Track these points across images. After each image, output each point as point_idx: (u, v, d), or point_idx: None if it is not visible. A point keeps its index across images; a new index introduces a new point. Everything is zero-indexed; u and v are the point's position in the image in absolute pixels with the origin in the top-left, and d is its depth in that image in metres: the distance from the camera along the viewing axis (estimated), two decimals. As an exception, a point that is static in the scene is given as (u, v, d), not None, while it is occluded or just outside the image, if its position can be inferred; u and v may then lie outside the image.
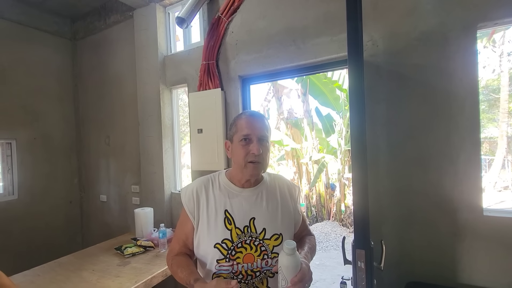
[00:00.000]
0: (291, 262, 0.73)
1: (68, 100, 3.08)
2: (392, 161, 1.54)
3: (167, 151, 2.43)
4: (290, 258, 0.73)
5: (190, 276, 0.82)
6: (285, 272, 0.74)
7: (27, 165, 2.71)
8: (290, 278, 0.73)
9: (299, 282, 0.72)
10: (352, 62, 1.01)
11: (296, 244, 1.03)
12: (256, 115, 0.93)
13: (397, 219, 1.53)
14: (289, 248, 0.72)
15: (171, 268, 0.92)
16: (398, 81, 1.51)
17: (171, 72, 2.39)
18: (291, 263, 0.73)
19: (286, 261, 0.73)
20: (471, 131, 1.36)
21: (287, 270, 0.73)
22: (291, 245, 0.73)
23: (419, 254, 1.49)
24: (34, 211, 2.74)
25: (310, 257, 0.94)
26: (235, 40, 2.03)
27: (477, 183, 1.36)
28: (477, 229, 1.37)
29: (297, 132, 5.89)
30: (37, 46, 2.81)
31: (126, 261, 1.81)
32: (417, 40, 1.46)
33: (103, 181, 2.93)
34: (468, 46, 1.35)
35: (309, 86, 5.23)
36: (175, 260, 0.91)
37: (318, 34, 1.71)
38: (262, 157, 0.87)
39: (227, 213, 0.88)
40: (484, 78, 6.82)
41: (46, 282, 1.57)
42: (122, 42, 2.70)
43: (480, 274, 1.37)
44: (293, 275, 0.73)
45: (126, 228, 2.68)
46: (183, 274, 0.85)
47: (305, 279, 0.74)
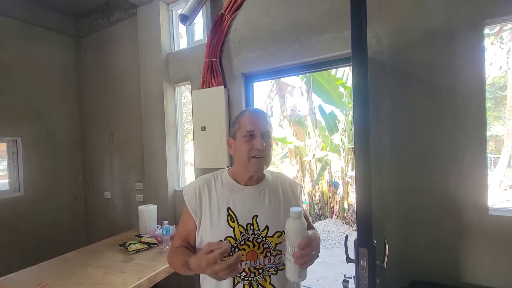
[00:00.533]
0: (297, 226, 0.72)
1: (72, 98, 3.10)
2: (396, 160, 1.53)
3: (170, 149, 2.44)
4: (297, 222, 0.72)
5: (186, 256, 0.83)
6: (292, 237, 0.73)
7: (32, 162, 2.75)
8: (297, 243, 0.72)
9: (307, 247, 0.72)
10: (356, 59, 1.00)
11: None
12: (259, 112, 0.94)
13: (401, 218, 1.52)
14: (296, 212, 0.72)
15: (169, 261, 0.93)
16: (403, 78, 1.49)
17: (174, 69, 2.39)
18: (297, 226, 0.72)
19: (293, 225, 0.72)
20: (477, 129, 1.35)
21: (294, 235, 0.72)
22: (298, 209, 0.73)
23: (422, 253, 1.48)
24: (40, 207, 2.78)
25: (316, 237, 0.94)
26: (238, 38, 2.02)
27: (483, 182, 1.34)
28: (482, 229, 1.35)
29: (300, 129, 5.87)
30: (41, 44, 2.82)
31: (130, 258, 1.83)
32: (422, 37, 1.43)
33: (107, 178, 2.96)
34: (475, 43, 1.33)
35: (313, 84, 5.20)
36: (173, 253, 0.92)
37: (322, 31, 1.70)
38: (266, 152, 0.88)
39: (230, 210, 0.88)
40: (491, 75, 6.71)
41: (52, 277, 1.59)
42: (125, 39, 2.71)
43: (484, 273, 1.36)
44: (301, 239, 0.72)
45: (130, 224, 2.70)
46: (179, 258, 0.85)
47: (312, 245, 0.73)
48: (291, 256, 0.73)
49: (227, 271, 0.68)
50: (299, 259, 0.71)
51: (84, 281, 1.53)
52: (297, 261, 0.72)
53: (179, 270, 0.88)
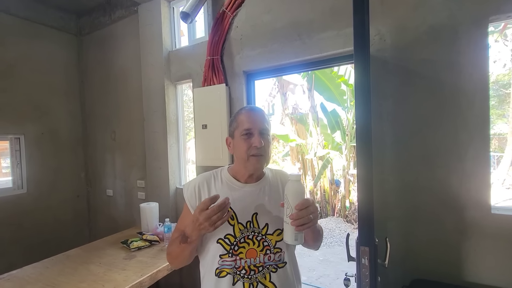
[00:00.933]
0: (296, 187, 0.73)
1: (74, 96, 3.11)
2: (398, 158, 1.52)
3: (172, 147, 2.44)
4: (296, 184, 0.73)
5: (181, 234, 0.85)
6: (290, 199, 0.73)
7: (35, 159, 2.76)
8: (294, 205, 0.72)
9: (304, 208, 0.72)
10: (358, 56, 0.99)
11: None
12: (256, 110, 0.94)
13: (402, 216, 1.52)
14: (295, 175, 0.73)
15: (168, 251, 0.94)
16: (406, 76, 1.48)
17: (175, 67, 2.39)
18: (296, 188, 0.73)
19: (292, 187, 0.73)
20: (480, 128, 1.33)
21: (292, 196, 0.73)
22: (297, 173, 0.75)
23: (424, 251, 1.47)
24: (42, 205, 2.80)
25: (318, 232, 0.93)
26: (239, 35, 2.02)
27: (486, 180, 1.34)
28: (485, 227, 1.34)
29: (302, 127, 5.86)
30: (43, 42, 2.83)
31: (132, 255, 1.84)
32: (425, 34, 1.42)
33: (109, 175, 2.97)
34: (479, 40, 1.31)
35: (315, 82, 5.18)
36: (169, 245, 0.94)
37: (324, 29, 1.69)
38: (264, 149, 0.88)
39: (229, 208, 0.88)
40: (495, 73, 6.66)
41: (55, 274, 1.60)
42: (127, 37, 2.70)
43: (487, 272, 1.35)
44: (298, 202, 0.72)
45: (132, 222, 2.71)
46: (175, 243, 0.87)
47: (310, 207, 0.73)
48: (288, 218, 0.73)
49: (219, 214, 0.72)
50: (296, 220, 0.72)
51: (87, 278, 1.54)
52: (294, 222, 0.72)
53: (177, 253, 0.88)
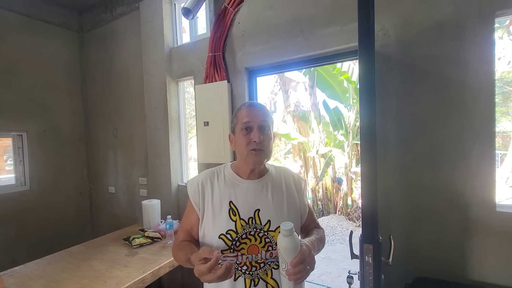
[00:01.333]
0: (289, 243, 0.70)
1: (76, 93, 3.11)
2: (402, 155, 1.51)
3: (174, 144, 2.44)
4: (288, 239, 0.70)
5: (188, 253, 0.83)
6: (284, 254, 0.71)
7: (37, 157, 2.77)
8: (290, 260, 0.70)
9: (299, 264, 0.70)
10: (363, 50, 0.97)
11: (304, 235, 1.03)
12: (256, 104, 0.94)
13: (406, 214, 1.51)
14: (286, 229, 0.69)
15: (174, 254, 0.94)
16: (410, 72, 1.46)
17: (177, 64, 2.38)
18: (289, 244, 0.70)
19: (284, 243, 0.70)
20: (485, 124, 1.32)
21: (286, 252, 0.70)
22: (288, 226, 0.70)
23: (427, 249, 1.46)
24: (45, 201, 2.81)
25: (317, 246, 0.92)
26: (241, 31, 2.00)
27: (491, 178, 1.32)
28: (489, 225, 1.33)
29: (304, 125, 5.84)
30: (45, 39, 2.82)
31: (134, 252, 1.84)
32: (431, 30, 1.40)
33: (112, 173, 2.97)
34: (485, 35, 1.29)
35: (317, 79, 5.15)
36: (177, 247, 0.93)
37: (327, 24, 1.67)
38: (264, 144, 0.87)
39: (231, 204, 0.88)
40: (499, 70, 6.58)
41: (57, 270, 1.61)
42: (128, 34, 2.69)
43: (490, 271, 1.34)
44: (293, 257, 0.70)
45: (134, 219, 2.72)
46: (182, 254, 0.86)
47: (306, 261, 0.71)
48: (284, 272, 0.71)
49: (218, 280, 0.71)
50: (292, 276, 0.70)
51: (89, 275, 1.54)
52: (290, 278, 0.70)
53: (183, 264, 0.89)
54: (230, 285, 0.85)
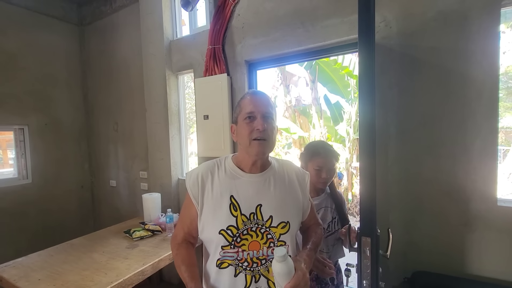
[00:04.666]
0: (282, 269, 0.72)
1: (76, 86, 3.10)
2: (403, 148, 1.49)
3: (174, 138, 2.44)
4: (282, 265, 0.72)
5: (191, 281, 0.83)
6: (278, 279, 0.74)
7: (39, 150, 2.78)
8: (284, 285, 0.72)
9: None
10: (362, 41, 0.95)
11: (302, 237, 1.01)
12: (259, 93, 0.91)
13: (405, 208, 1.50)
14: (280, 256, 0.71)
15: (175, 259, 0.93)
16: (412, 64, 1.44)
17: (177, 57, 2.36)
18: (282, 269, 0.72)
19: (278, 268, 0.72)
20: (488, 117, 1.30)
21: (279, 277, 0.73)
22: (281, 252, 0.71)
23: (427, 243, 1.46)
24: (47, 195, 2.83)
25: (314, 253, 0.93)
26: (241, 23, 1.97)
27: (492, 172, 1.31)
28: (490, 220, 1.32)
29: (305, 120, 5.80)
30: (45, 31, 2.81)
31: (135, 244, 1.85)
32: (434, 21, 1.37)
33: (113, 166, 2.99)
34: (490, 25, 1.26)
35: (318, 73, 5.10)
36: (180, 253, 0.91)
37: (327, 16, 1.64)
38: (268, 134, 0.84)
39: (232, 199, 0.85)
40: (504, 64, 6.48)
41: (59, 262, 1.62)
42: (128, 27, 2.67)
43: (490, 265, 1.34)
44: (287, 282, 0.72)
45: (135, 212, 2.74)
46: (186, 274, 0.85)
47: (300, 285, 0.73)
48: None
49: None
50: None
51: (90, 266, 1.56)
52: None
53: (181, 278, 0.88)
54: (231, 281, 0.84)
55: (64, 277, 1.44)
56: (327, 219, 1.26)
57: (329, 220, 1.27)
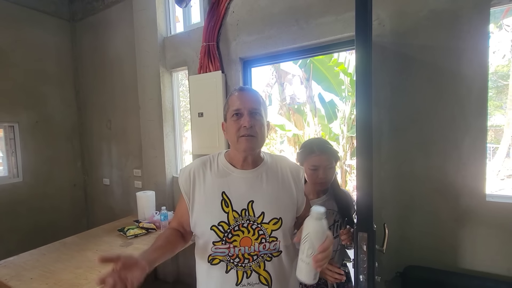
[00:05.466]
0: (320, 227, 0.67)
1: (68, 83, 3.05)
2: (395, 146, 1.52)
3: (168, 135, 2.42)
4: (319, 223, 0.67)
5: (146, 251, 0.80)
6: (313, 239, 0.67)
7: (30, 148, 2.73)
8: (317, 245, 0.67)
9: (327, 249, 0.67)
10: (360, 37, 0.96)
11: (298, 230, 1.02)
12: (247, 89, 0.90)
13: (398, 204, 1.53)
14: (319, 213, 0.66)
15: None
16: (404, 63, 1.46)
17: (171, 54, 2.34)
18: (320, 228, 0.66)
19: (317, 226, 0.66)
20: (478, 116, 1.33)
21: (316, 236, 0.67)
22: (321, 209, 0.67)
23: (419, 239, 1.49)
24: (39, 193, 2.79)
25: None
26: (236, 20, 1.97)
27: (481, 169, 1.34)
28: (479, 215, 1.36)
29: (300, 118, 5.83)
30: (35, 27, 2.75)
31: (129, 242, 1.84)
32: (426, 19, 1.39)
33: (106, 164, 2.95)
34: (480, 24, 1.29)
35: (312, 71, 5.12)
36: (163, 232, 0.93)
37: (322, 13, 1.65)
38: (255, 130, 0.83)
39: (224, 195, 0.85)
40: (494, 64, 6.62)
41: (52, 260, 1.60)
42: (121, 23, 2.64)
43: (480, 259, 1.37)
44: (321, 242, 0.67)
45: (129, 211, 2.72)
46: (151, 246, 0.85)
47: (330, 250, 0.68)
48: (310, 258, 0.67)
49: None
50: (319, 262, 0.66)
51: (83, 264, 1.55)
52: (316, 264, 0.66)
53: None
54: (222, 277, 0.84)
55: (57, 276, 1.42)
56: (328, 222, 1.18)
57: (330, 223, 1.20)
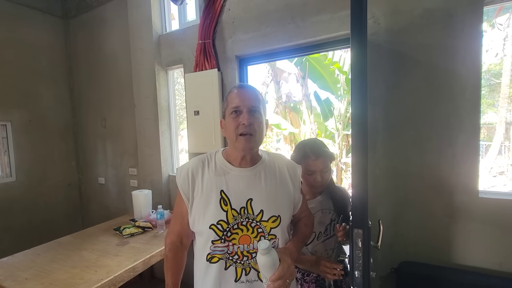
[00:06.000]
0: (267, 261, 0.73)
1: (62, 81, 3.01)
2: (390, 143, 1.53)
3: (164, 134, 2.41)
4: (266, 258, 0.73)
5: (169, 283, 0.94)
6: (263, 271, 0.75)
7: (23, 147, 2.69)
8: (268, 277, 0.74)
9: (278, 279, 0.73)
10: (355, 35, 0.97)
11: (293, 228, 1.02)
12: (246, 87, 0.90)
13: (393, 202, 1.54)
14: (263, 249, 0.72)
15: (165, 260, 0.97)
16: (399, 61, 1.47)
17: (166, 52, 2.32)
18: (267, 262, 0.74)
19: (263, 261, 0.74)
20: (471, 113, 1.35)
21: (264, 269, 0.75)
22: (265, 245, 0.72)
23: (413, 235, 1.51)
24: (33, 193, 2.76)
25: (302, 244, 0.95)
26: (231, 18, 1.96)
27: (475, 166, 1.36)
28: (472, 211, 1.38)
29: (296, 116, 5.84)
30: (27, 24, 2.70)
31: (125, 241, 1.83)
32: (420, 18, 1.40)
33: (101, 163, 2.93)
34: (474, 23, 1.30)
35: (308, 70, 5.13)
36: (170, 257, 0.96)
37: (318, 11, 1.65)
38: (254, 128, 0.83)
39: (223, 193, 0.85)
40: (487, 62, 6.71)
41: (47, 260, 1.59)
42: (116, 20, 2.61)
43: (472, 254, 1.40)
44: (272, 273, 0.73)
45: (125, 210, 2.70)
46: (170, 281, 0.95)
47: (285, 276, 0.74)
48: (266, 286, 0.76)
49: None
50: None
51: (79, 264, 1.54)
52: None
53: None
54: (221, 274, 0.84)
55: (52, 276, 1.41)
56: (325, 221, 1.20)
57: (327, 223, 1.21)
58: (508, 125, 6.95)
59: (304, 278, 1.20)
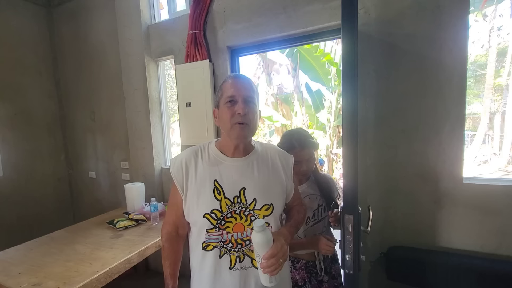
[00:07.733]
0: (261, 238, 0.75)
1: (47, 73, 2.91)
2: (380, 133, 1.57)
3: (155, 126, 2.39)
4: (260, 235, 0.75)
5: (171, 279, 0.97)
6: (257, 249, 0.76)
7: (9, 142, 2.61)
8: (262, 255, 0.75)
9: (271, 257, 0.75)
10: (346, 26, 0.98)
11: (285, 216, 1.05)
12: (241, 77, 0.90)
13: (383, 189, 1.59)
14: (258, 226, 0.74)
15: (162, 250, 0.99)
16: (389, 51, 1.50)
17: (156, 42, 2.28)
18: (261, 239, 0.75)
19: (257, 238, 0.75)
20: (457, 103, 1.39)
21: (258, 247, 0.76)
22: (260, 223, 0.74)
23: (401, 221, 1.57)
24: (21, 188, 2.69)
25: (295, 230, 0.96)
26: (222, 8, 1.93)
27: (460, 154, 1.41)
28: (457, 197, 1.44)
29: (287, 108, 5.86)
30: (8, 13, 2.58)
31: (119, 234, 1.83)
32: (409, 8, 1.42)
33: (91, 157, 2.88)
34: (460, 14, 1.34)
35: (300, 61, 5.13)
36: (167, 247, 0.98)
37: (309, 1, 1.65)
38: (249, 118, 0.84)
39: (216, 183, 0.86)
40: (473, 54, 6.86)
41: (40, 255, 1.58)
42: (102, 9, 2.52)
43: (457, 237, 1.47)
44: (265, 251, 0.75)
45: (117, 203, 2.68)
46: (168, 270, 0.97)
47: (278, 254, 0.76)
48: (259, 265, 0.77)
49: None
50: (266, 269, 0.75)
51: (73, 257, 1.53)
52: (265, 270, 0.76)
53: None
54: (216, 262, 0.86)
55: (46, 269, 1.40)
56: (312, 207, 1.25)
57: (314, 208, 1.25)
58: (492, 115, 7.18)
59: (294, 265, 1.24)
